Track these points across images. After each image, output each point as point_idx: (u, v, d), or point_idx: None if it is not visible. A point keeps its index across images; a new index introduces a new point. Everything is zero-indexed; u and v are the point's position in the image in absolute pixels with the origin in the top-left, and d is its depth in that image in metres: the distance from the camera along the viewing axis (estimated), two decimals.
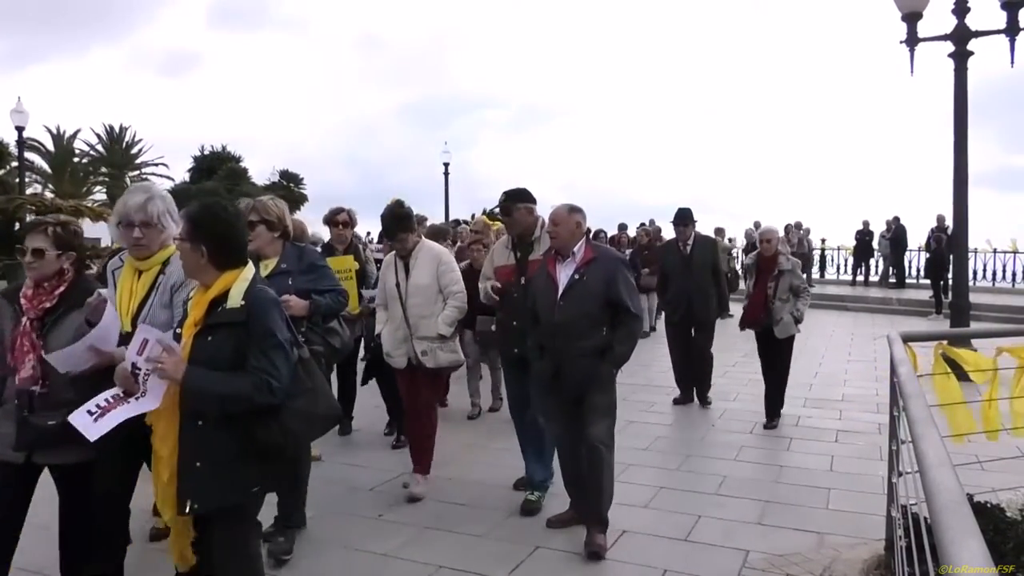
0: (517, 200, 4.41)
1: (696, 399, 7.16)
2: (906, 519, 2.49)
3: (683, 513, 4.31)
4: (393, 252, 4.74)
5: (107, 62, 75.50)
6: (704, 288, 6.98)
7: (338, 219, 5.89)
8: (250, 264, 2.56)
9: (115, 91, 72.58)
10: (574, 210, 3.94)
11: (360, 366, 5.81)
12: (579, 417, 3.85)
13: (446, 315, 4.56)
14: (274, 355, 2.40)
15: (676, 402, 7.14)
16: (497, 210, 4.67)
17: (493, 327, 4.83)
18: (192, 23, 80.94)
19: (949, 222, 15.60)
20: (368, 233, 15.90)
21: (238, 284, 2.46)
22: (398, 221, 4.59)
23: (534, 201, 4.46)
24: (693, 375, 7.16)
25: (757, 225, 15.82)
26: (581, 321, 3.79)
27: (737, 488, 4.75)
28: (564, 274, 3.89)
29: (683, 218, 7.26)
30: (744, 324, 6.54)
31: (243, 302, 2.42)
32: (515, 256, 4.46)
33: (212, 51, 79.48)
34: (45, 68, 68.09)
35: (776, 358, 6.42)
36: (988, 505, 3.22)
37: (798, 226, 19.53)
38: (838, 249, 22.28)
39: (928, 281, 15.77)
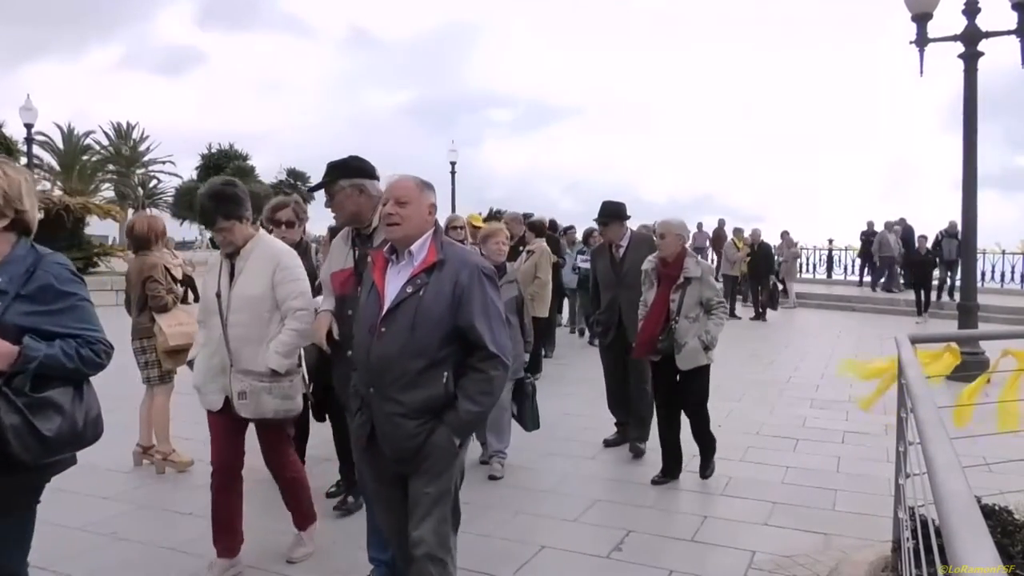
0: (341, 175, 3.14)
1: (627, 441, 5.54)
2: (913, 521, 2.50)
3: (689, 513, 4.32)
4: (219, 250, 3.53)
5: (110, 60, 76.06)
6: (637, 302, 5.09)
7: (279, 217, 4.31)
8: None
9: (120, 89, 73.25)
10: (426, 186, 2.65)
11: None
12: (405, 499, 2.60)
13: (281, 342, 3.33)
14: None
15: (607, 444, 5.66)
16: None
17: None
18: (197, 21, 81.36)
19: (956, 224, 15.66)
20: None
21: None
22: (219, 203, 3.28)
23: (369, 175, 3.19)
24: (630, 410, 5.57)
25: (758, 232, 15.67)
26: (407, 360, 2.44)
27: (743, 489, 4.75)
28: (394, 284, 2.55)
29: (606, 214, 5.54)
30: (636, 349, 4.95)
31: None
32: (354, 256, 3.22)
33: (219, 49, 79.92)
34: (45, 66, 68.54)
35: (684, 397, 4.82)
36: (996, 508, 3.21)
37: (888, 226, 18.74)
38: (845, 249, 22.24)
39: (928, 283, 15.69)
